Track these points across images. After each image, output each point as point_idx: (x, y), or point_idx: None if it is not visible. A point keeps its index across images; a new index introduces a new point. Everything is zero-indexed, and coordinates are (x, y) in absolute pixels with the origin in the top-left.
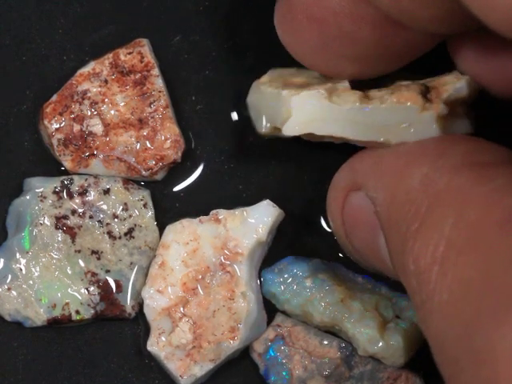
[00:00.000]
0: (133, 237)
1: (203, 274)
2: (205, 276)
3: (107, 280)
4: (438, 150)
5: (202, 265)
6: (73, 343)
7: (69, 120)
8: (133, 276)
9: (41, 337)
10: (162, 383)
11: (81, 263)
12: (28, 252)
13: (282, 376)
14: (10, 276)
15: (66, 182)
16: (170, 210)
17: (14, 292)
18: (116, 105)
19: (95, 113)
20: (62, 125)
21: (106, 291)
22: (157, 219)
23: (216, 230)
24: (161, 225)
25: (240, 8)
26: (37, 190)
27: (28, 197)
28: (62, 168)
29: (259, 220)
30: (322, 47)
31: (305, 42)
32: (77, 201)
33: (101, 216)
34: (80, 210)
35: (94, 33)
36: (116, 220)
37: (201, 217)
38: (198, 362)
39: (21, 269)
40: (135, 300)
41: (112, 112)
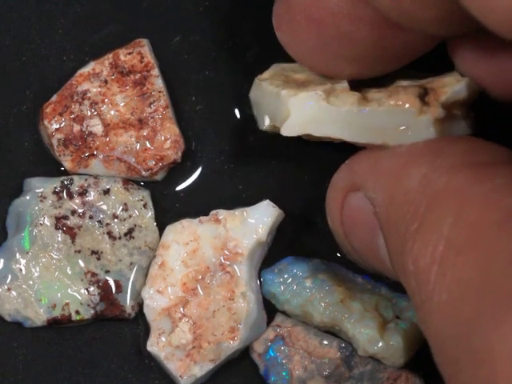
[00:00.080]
0: (133, 237)
1: (203, 275)
2: (205, 276)
3: (107, 280)
4: (436, 151)
5: (202, 265)
6: (73, 343)
7: (69, 120)
8: (133, 276)
9: (41, 337)
10: (162, 383)
11: (81, 263)
12: (28, 252)
13: (282, 376)
14: (10, 276)
15: (66, 183)
16: (170, 211)
17: (14, 292)
18: (116, 105)
19: (95, 113)
20: (62, 125)
21: (106, 291)
22: (157, 219)
23: (216, 231)
24: (161, 225)
25: (240, 8)
26: (37, 191)
27: (28, 197)
28: (62, 168)
29: (259, 220)
30: (321, 48)
31: (303, 43)
32: (77, 201)
33: (101, 216)
34: (80, 211)
35: (94, 33)
36: (116, 220)
37: (201, 217)
38: (198, 363)
39: (21, 269)
40: (135, 300)
41: (112, 112)
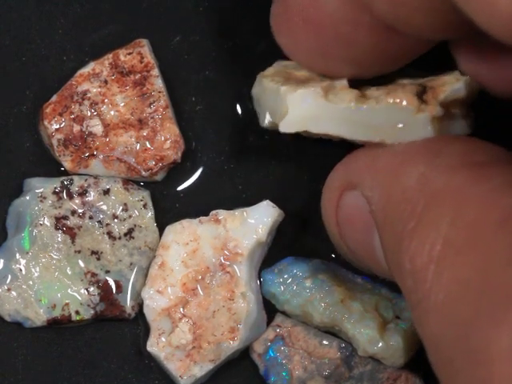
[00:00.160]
0: (133, 237)
1: (203, 275)
2: (205, 276)
3: (107, 280)
4: (435, 150)
5: (202, 265)
6: (73, 343)
7: (69, 120)
8: (133, 276)
9: (41, 337)
10: (162, 383)
11: (80, 264)
12: (28, 252)
13: (282, 376)
14: (10, 276)
15: (66, 183)
16: (170, 211)
17: (14, 292)
18: (116, 105)
19: (95, 113)
20: (62, 125)
21: (106, 292)
22: (157, 220)
23: (216, 231)
24: (161, 225)
25: (240, 8)
26: (37, 191)
27: (28, 197)
28: (62, 168)
29: (259, 220)
30: (318, 49)
31: (301, 44)
32: (77, 201)
33: (101, 216)
34: (80, 211)
35: (94, 33)
36: (116, 220)
37: (201, 217)
38: (198, 363)
39: (21, 269)
40: (135, 300)
41: (112, 112)
